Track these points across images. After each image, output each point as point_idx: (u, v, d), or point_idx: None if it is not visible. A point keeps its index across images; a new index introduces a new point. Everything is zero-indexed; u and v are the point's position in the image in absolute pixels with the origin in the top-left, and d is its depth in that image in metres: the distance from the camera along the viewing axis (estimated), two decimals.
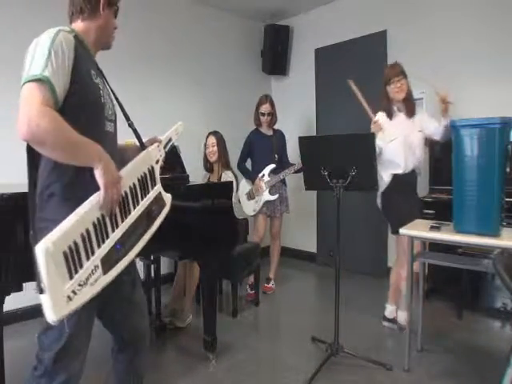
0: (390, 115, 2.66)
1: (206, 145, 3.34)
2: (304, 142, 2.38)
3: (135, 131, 1.46)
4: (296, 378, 2.17)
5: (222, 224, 2.36)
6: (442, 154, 3.07)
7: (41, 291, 1.00)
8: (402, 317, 2.66)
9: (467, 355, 2.38)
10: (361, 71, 4.00)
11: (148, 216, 1.32)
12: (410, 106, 2.62)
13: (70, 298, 1.03)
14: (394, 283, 2.74)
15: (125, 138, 1.54)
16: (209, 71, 4.23)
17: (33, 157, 1.18)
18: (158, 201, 1.38)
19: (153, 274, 2.87)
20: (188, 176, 2.54)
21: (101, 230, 1.15)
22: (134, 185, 1.29)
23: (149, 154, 1.39)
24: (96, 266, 1.11)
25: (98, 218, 1.14)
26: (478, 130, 1.89)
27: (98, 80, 1.29)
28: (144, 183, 1.33)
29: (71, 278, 1.05)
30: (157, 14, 3.70)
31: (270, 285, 3.65)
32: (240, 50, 4.57)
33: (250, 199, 3.51)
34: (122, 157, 1.44)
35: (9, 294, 1.55)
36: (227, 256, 2.88)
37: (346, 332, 2.40)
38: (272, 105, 3.54)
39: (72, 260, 1.05)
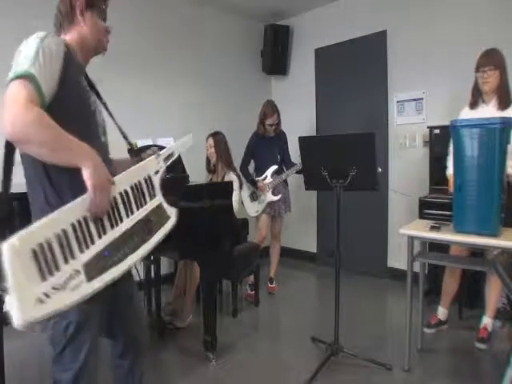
0: (473, 105, 2.48)
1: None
2: (304, 142, 2.38)
3: (130, 144, 1.45)
4: (296, 378, 2.17)
5: (222, 224, 2.36)
6: (442, 153, 3.06)
7: (5, 291, 0.92)
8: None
9: (467, 355, 2.38)
10: (361, 71, 4.01)
11: (145, 227, 1.24)
12: (500, 99, 2.35)
13: (41, 301, 0.95)
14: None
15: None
16: (209, 71, 4.23)
17: (9, 152, 1.13)
18: (159, 213, 1.31)
19: (153, 274, 2.87)
20: (188, 176, 2.54)
21: (83, 233, 1.08)
22: (126, 191, 1.23)
23: (144, 165, 1.34)
24: (76, 271, 1.03)
25: (78, 221, 1.07)
26: (478, 129, 1.89)
27: (88, 90, 1.26)
28: (139, 192, 1.27)
29: (43, 279, 0.97)
30: (156, 14, 3.70)
31: (274, 284, 3.66)
32: (240, 49, 4.57)
33: (253, 200, 3.52)
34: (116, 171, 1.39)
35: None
36: (227, 256, 2.88)
37: (345, 332, 2.40)
38: (278, 113, 3.51)
39: (44, 260, 0.98)
